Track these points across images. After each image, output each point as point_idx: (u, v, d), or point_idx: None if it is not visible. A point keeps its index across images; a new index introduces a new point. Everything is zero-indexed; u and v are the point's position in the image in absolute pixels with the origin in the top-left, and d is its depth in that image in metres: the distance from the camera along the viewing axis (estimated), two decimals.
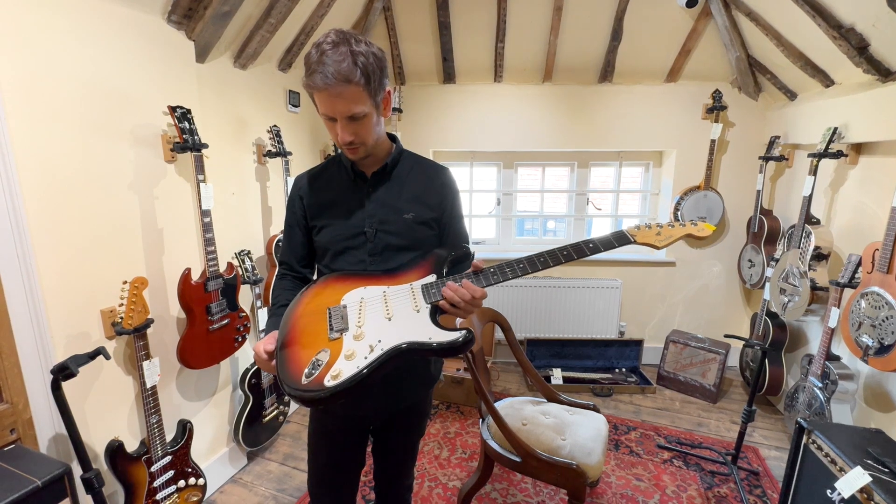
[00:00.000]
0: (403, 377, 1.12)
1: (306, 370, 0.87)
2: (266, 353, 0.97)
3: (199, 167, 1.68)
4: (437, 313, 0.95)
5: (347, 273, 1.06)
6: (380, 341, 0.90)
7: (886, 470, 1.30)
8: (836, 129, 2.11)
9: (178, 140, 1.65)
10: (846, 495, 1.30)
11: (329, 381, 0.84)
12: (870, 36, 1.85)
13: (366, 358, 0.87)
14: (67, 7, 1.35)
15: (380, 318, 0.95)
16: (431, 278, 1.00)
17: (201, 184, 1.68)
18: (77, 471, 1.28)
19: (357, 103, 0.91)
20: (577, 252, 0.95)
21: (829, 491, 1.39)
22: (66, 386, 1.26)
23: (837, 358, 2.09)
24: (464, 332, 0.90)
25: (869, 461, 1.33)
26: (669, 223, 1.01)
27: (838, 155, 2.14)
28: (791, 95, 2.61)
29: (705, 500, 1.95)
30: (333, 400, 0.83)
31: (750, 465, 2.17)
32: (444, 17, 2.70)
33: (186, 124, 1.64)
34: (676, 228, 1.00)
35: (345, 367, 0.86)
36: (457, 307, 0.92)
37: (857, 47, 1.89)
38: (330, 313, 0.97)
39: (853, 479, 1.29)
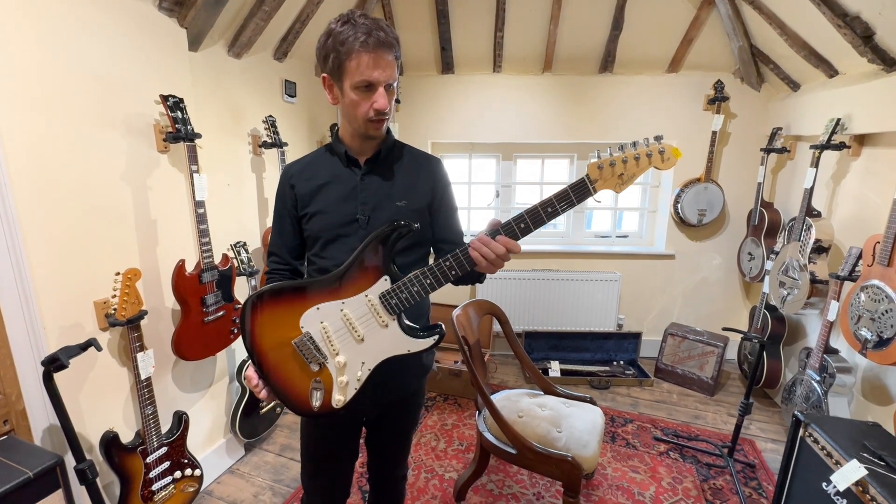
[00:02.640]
0: (396, 370, 1.12)
1: (313, 400, 0.99)
2: (253, 385, 1.04)
3: (193, 157, 1.66)
4: (404, 320, 0.97)
5: (290, 288, 1.01)
6: (363, 363, 0.98)
7: (882, 463, 1.29)
8: (839, 119, 2.08)
9: (170, 130, 1.63)
10: (841, 488, 1.29)
11: (336, 405, 0.98)
12: (875, 24, 1.81)
13: (358, 380, 0.98)
14: None
15: (352, 344, 0.97)
16: (385, 284, 0.95)
17: (195, 174, 1.66)
18: (71, 462, 1.28)
19: (395, 73, 0.97)
20: (533, 217, 0.88)
21: (824, 484, 1.38)
22: (60, 377, 1.26)
23: (836, 351, 2.08)
24: (436, 335, 0.96)
25: (865, 454, 1.33)
26: (634, 153, 0.86)
27: (841, 146, 2.12)
28: (794, 86, 2.57)
29: (701, 492, 1.96)
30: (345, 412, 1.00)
31: (746, 458, 2.17)
32: (442, 5, 2.66)
33: (179, 114, 1.61)
34: (641, 163, 0.86)
35: (344, 395, 0.98)
36: (492, 266, 0.91)
37: (863, 36, 1.86)
38: (298, 348, 0.99)
39: (849, 472, 1.28)
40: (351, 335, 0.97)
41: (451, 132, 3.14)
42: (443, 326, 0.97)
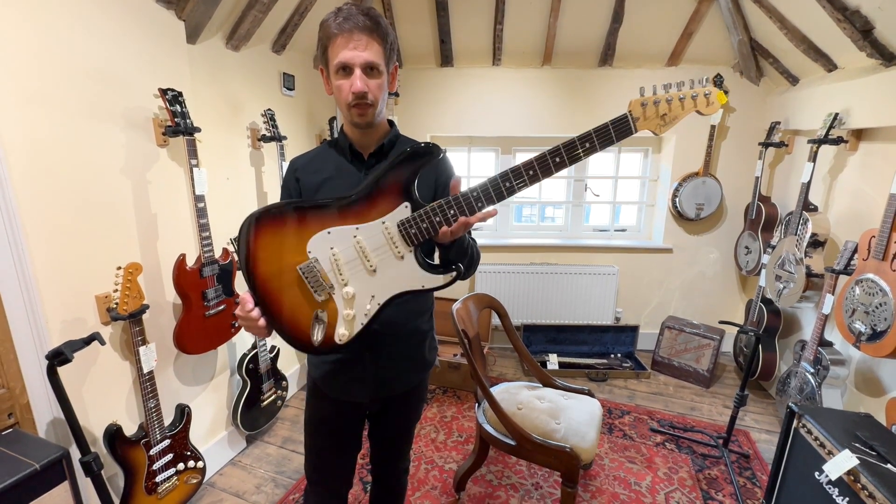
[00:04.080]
0: (399, 363, 1.13)
1: (314, 334, 0.93)
2: (248, 309, 0.94)
3: (192, 151, 1.65)
4: (420, 254, 0.91)
5: (301, 206, 0.93)
6: (373, 297, 0.91)
7: (874, 453, 1.32)
8: (836, 114, 2.09)
9: (169, 123, 1.62)
10: (833, 477, 1.32)
11: (340, 339, 0.92)
12: (875, 19, 1.81)
13: (366, 315, 0.92)
14: None
15: (363, 274, 0.90)
16: (405, 210, 0.89)
17: (194, 168, 1.66)
18: (76, 455, 1.29)
19: (376, 55, 0.94)
20: (570, 152, 0.81)
21: (817, 473, 1.41)
22: (63, 371, 1.27)
23: (830, 344, 2.11)
24: (453, 272, 0.91)
25: (857, 444, 1.35)
26: (679, 94, 0.82)
27: (838, 141, 2.13)
28: (793, 80, 2.58)
29: (696, 482, 1.99)
30: (346, 349, 0.94)
31: (741, 448, 2.20)
32: None
33: (178, 107, 1.61)
34: (686, 106, 0.82)
35: (350, 329, 0.92)
36: (453, 232, 0.87)
37: (862, 30, 1.86)
38: (303, 274, 0.91)
39: (841, 462, 1.31)
40: (363, 264, 0.90)
41: (450, 125, 3.14)
42: (460, 266, 0.90)
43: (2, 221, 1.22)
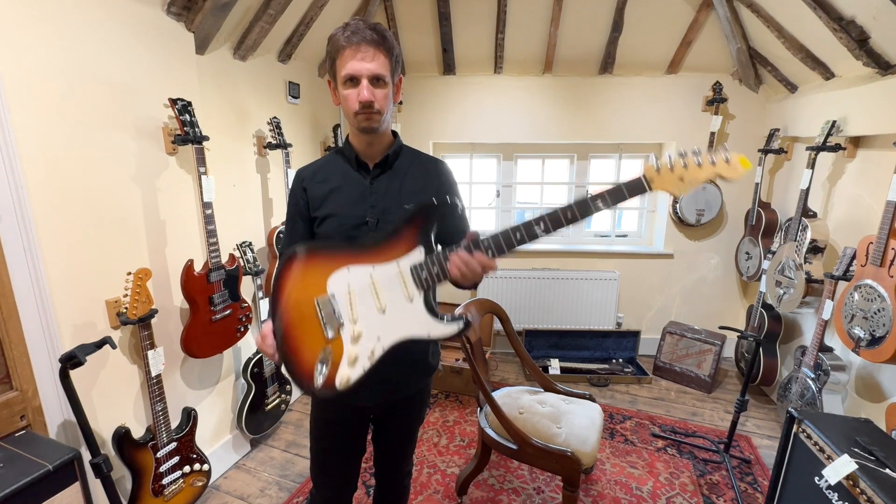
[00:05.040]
0: (403, 368, 1.15)
1: (316, 372, 0.95)
2: (266, 339, 1.03)
3: (201, 159, 1.69)
4: (430, 299, 0.94)
5: (327, 246, 1.01)
6: (378, 339, 0.93)
7: (873, 458, 1.33)
8: (834, 122, 2.11)
9: (179, 132, 1.66)
10: (832, 482, 1.33)
11: (340, 384, 0.93)
12: (870, 29, 1.84)
13: (368, 359, 0.93)
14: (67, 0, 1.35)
15: (373, 312, 0.93)
16: (419, 255, 0.94)
17: (203, 176, 1.70)
18: (86, 456, 1.32)
19: (382, 66, 0.99)
20: (582, 211, 0.84)
21: (816, 478, 1.42)
22: (74, 374, 1.29)
23: (830, 349, 2.12)
24: (460, 322, 0.91)
25: (856, 449, 1.37)
26: (696, 159, 0.82)
27: (836, 148, 2.15)
28: (791, 88, 2.61)
29: (698, 487, 2.00)
30: (345, 395, 0.95)
31: (742, 454, 2.21)
32: (444, 7, 2.69)
33: (187, 117, 1.65)
34: (705, 168, 0.82)
35: (352, 372, 0.93)
36: (466, 280, 0.90)
37: (858, 40, 1.89)
38: (319, 308, 0.96)
39: (840, 467, 1.32)
40: (374, 301, 0.93)
41: (453, 132, 3.18)
42: (468, 317, 0.93)
43: (18, 229, 1.26)
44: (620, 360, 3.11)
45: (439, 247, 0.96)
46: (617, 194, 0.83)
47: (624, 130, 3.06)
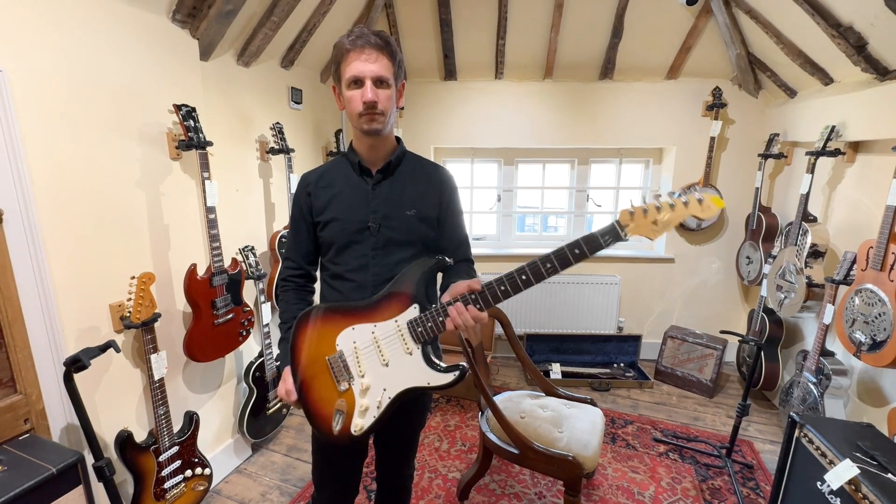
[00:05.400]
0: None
1: (334, 422, 1.04)
2: (291, 396, 1.10)
3: (205, 164, 1.71)
4: (429, 351, 1.01)
5: (333, 308, 1.09)
6: (385, 390, 1.02)
7: (875, 463, 1.33)
8: (833, 127, 2.13)
9: (183, 138, 1.68)
10: (835, 487, 1.33)
11: (356, 431, 1.02)
12: (868, 35, 1.86)
13: (378, 408, 1.02)
14: (74, 7, 1.37)
15: (377, 367, 1.02)
16: (414, 311, 1.01)
17: (206, 181, 1.71)
18: (89, 460, 1.33)
19: (385, 69, 1.02)
20: (560, 260, 0.90)
21: (819, 483, 1.42)
22: (78, 378, 1.30)
23: (832, 354, 2.12)
24: (457, 372, 0.98)
25: (858, 454, 1.36)
26: (669, 201, 0.85)
27: (836, 153, 2.16)
28: (791, 93, 2.62)
29: (700, 492, 1.99)
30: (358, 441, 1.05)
31: (744, 459, 2.20)
32: (445, 13, 2.71)
33: (191, 122, 1.66)
34: (678, 209, 0.84)
35: (364, 421, 1.02)
36: (463, 331, 0.96)
37: (856, 46, 1.91)
38: (331, 365, 1.05)
39: (842, 472, 1.32)
40: (378, 357, 1.02)
41: (454, 137, 3.20)
42: (465, 366, 1.00)
43: (24, 232, 1.27)
44: (622, 365, 3.11)
45: (439, 296, 1.05)
46: (593, 243, 0.88)
47: (624, 135, 3.08)
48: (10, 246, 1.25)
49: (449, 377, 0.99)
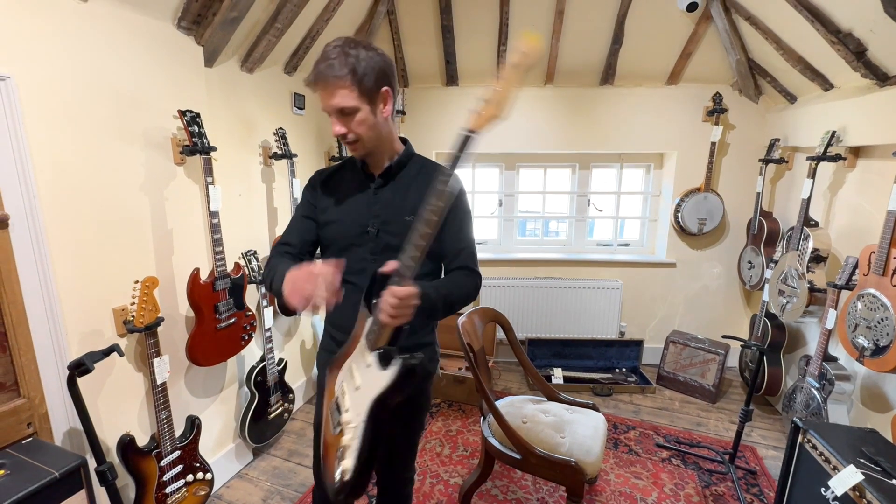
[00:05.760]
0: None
1: (336, 474, 0.96)
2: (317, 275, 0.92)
3: (208, 169, 1.72)
4: (385, 356, 0.91)
5: (335, 357, 1.09)
6: (358, 414, 0.93)
7: (879, 468, 1.32)
8: (834, 132, 2.13)
9: (187, 143, 1.69)
10: (839, 493, 1.32)
11: (344, 474, 0.93)
12: (867, 41, 1.87)
13: (357, 439, 0.92)
14: (81, 13, 1.39)
15: (353, 394, 0.98)
16: (369, 321, 0.97)
17: (210, 186, 1.72)
18: (91, 464, 1.32)
19: (344, 99, 0.98)
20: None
21: (822, 489, 1.41)
22: (81, 382, 1.31)
23: (834, 359, 2.12)
24: (398, 362, 0.88)
25: (862, 460, 1.36)
26: (495, 86, 0.85)
27: (836, 158, 2.17)
28: (791, 98, 2.63)
29: (703, 499, 1.98)
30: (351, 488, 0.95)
31: (748, 465, 2.19)
32: (446, 20, 2.74)
33: (195, 127, 1.68)
34: (506, 72, 0.85)
35: (348, 462, 0.93)
36: (395, 317, 0.87)
37: (855, 52, 1.92)
38: (330, 411, 1.05)
39: (846, 478, 1.32)
40: (352, 385, 0.98)
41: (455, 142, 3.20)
42: (417, 356, 0.89)
43: (29, 238, 1.28)
44: (624, 370, 3.10)
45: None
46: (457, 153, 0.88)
47: (625, 140, 3.09)
48: (16, 249, 1.26)
49: (390, 372, 0.88)
